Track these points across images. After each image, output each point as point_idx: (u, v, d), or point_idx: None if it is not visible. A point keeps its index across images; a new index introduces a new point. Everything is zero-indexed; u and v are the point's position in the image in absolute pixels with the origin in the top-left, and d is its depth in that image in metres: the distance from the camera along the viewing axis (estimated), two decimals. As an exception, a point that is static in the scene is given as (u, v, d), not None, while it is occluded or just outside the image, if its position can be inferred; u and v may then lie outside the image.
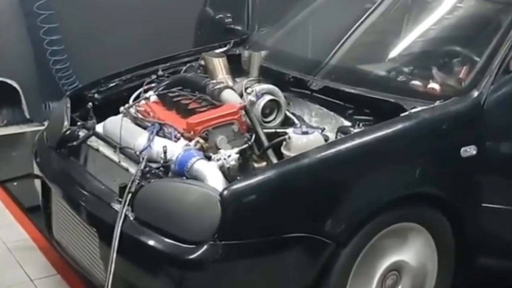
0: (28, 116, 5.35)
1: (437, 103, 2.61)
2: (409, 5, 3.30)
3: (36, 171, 3.12)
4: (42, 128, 5.02)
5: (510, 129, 2.69)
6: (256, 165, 2.67)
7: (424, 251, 2.62)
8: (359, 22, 3.23)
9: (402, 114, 2.57)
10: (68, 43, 5.39)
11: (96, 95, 3.25)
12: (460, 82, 2.79)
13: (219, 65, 3.19)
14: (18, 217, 3.82)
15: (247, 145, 2.68)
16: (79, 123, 3.04)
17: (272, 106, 2.90)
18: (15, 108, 5.34)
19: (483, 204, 2.65)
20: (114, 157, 2.77)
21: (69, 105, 3.16)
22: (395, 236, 2.53)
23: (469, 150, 2.57)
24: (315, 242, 2.31)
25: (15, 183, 4.09)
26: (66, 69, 5.46)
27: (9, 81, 5.19)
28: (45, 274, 3.24)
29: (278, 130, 2.81)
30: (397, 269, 2.58)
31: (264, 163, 2.66)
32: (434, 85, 2.80)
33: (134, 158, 2.67)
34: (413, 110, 2.58)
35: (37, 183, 3.15)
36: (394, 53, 3.11)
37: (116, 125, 2.88)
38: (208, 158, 2.55)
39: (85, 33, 5.42)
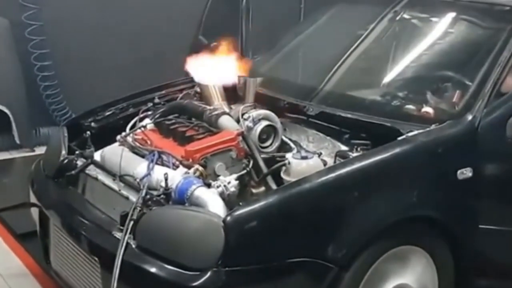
0: (18, 142, 5.27)
1: (433, 126, 2.66)
2: (402, 31, 3.36)
3: (33, 200, 3.10)
4: (33, 154, 5.14)
5: (503, 151, 2.74)
6: (254, 190, 2.70)
7: (425, 274, 2.65)
8: (352, 48, 3.27)
9: (399, 138, 2.61)
10: (59, 69, 5.39)
11: (92, 124, 3.26)
12: (454, 106, 2.83)
13: (214, 91, 3.22)
14: (11, 244, 3.79)
15: (245, 171, 2.70)
16: (77, 152, 3.03)
17: (269, 132, 2.92)
18: (5, 134, 5.26)
19: (480, 226, 2.69)
20: (114, 185, 2.77)
21: (66, 134, 3.16)
22: (397, 259, 2.55)
23: (465, 173, 2.62)
24: (318, 266, 2.33)
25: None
26: (56, 94, 5.46)
27: (-1, 106, 5.16)
28: (39, 301, 3.22)
29: (276, 155, 2.83)
30: None
31: (262, 189, 2.68)
32: (428, 109, 2.84)
33: (134, 186, 2.67)
34: (409, 134, 2.62)
35: (33, 211, 3.13)
36: (388, 78, 3.15)
37: (113, 154, 2.89)
38: (208, 185, 2.56)
39: (76, 59, 5.43)
